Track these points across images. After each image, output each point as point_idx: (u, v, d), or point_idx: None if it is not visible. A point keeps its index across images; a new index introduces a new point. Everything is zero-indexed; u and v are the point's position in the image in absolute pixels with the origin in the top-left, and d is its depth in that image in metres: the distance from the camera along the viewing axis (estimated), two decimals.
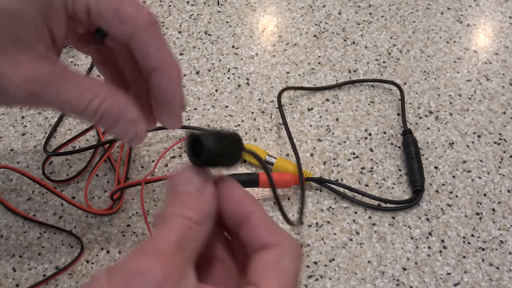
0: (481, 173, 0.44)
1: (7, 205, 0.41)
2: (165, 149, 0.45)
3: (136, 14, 0.28)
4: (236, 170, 0.43)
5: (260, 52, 0.52)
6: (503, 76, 0.51)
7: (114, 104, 0.29)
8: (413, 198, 0.42)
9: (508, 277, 0.39)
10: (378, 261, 0.39)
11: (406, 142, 0.45)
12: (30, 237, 0.40)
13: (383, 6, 0.57)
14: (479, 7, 0.57)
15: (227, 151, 0.23)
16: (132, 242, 0.40)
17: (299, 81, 0.50)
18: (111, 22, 0.28)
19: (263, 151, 0.43)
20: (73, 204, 0.40)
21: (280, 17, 0.56)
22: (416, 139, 0.45)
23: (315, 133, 0.46)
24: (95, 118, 0.29)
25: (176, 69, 0.30)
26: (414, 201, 0.42)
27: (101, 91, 0.28)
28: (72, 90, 0.27)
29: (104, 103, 0.28)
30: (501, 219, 0.41)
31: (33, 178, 0.41)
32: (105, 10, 0.27)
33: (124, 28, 0.28)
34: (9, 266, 0.39)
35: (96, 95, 0.28)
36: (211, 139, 0.23)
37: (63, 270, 0.38)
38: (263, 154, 0.43)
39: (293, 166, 0.42)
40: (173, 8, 0.56)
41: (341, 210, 0.42)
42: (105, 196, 0.42)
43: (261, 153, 0.43)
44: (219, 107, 0.48)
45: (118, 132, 0.30)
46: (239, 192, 0.23)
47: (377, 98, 0.49)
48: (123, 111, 0.29)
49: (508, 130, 0.47)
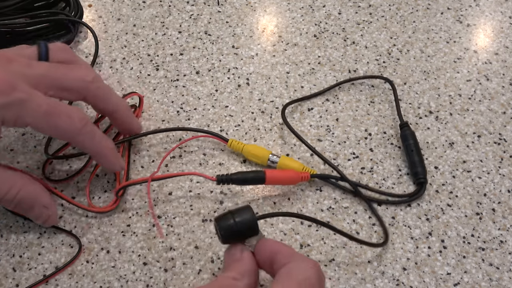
0: (481, 173, 0.44)
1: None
2: (165, 150, 0.45)
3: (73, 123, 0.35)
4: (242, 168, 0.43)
5: (260, 52, 0.52)
6: (503, 76, 0.51)
7: (29, 193, 0.36)
8: (417, 190, 0.42)
9: (508, 277, 0.39)
10: (378, 261, 0.39)
11: (404, 135, 0.45)
12: (30, 237, 0.40)
13: (383, 6, 0.57)
14: (479, 7, 0.57)
15: (241, 226, 0.32)
16: (132, 242, 0.40)
17: (299, 81, 0.50)
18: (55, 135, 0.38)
19: (266, 150, 0.43)
20: (74, 204, 0.40)
21: (280, 17, 0.56)
22: (414, 132, 0.45)
23: (315, 133, 0.46)
24: (12, 205, 0.35)
25: (126, 107, 0.42)
26: (418, 193, 0.42)
27: (18, 182, 0.35)
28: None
29: (20, 193, 0.35)
30: (501, 219, 0.41)
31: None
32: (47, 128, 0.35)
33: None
34: (9, 266, 0.39)
35: (12, 186, 0.35)
36: (224, 222, 0.32)
37: (62, 269, 0.38)
38: (266, 154, 0.43)
39: (297, 164, 0.42)
40: (173, 8, 0.56)
41: (341, 210, 0.42)
42: (105, 196, 0.42)
43: (264, 153, 0.43)
44: (219, 107, 0.48)
45: (34, 215, 0.37)
46: (269, 243, 0.32)
47: (377, 98, 0.49)
48: (37, 198, 0.36)
49: (508, 130, 0.47)
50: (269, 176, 0.40)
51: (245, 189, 0.43)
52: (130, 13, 0.56)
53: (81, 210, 0.41)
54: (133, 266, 0.39)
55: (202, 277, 0.38)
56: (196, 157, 0.44)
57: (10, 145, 0.45)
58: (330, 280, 0.38)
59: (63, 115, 0.35)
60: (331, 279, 0.38)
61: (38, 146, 0.45)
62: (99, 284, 0.38)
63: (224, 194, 0.42)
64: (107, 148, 0.38)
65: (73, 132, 0.35)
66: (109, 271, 0.38)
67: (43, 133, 0.37)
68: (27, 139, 0.45)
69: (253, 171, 0.41)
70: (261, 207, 0.42)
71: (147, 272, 0.38)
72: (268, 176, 0.40)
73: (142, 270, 0.38)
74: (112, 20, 0.55)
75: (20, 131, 0.46)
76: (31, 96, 0.33)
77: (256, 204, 0.42)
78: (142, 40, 0.53)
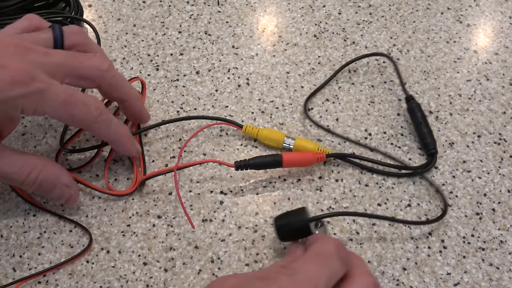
0: (481, 173, 0.44)
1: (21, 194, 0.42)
2: (166, 150, 0.45)
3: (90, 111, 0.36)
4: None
5: (260, 52, 0.52)
6: (503, 76, 0.51)
7: (50, 174, 0.37)
8: (429, 162, 0.43)
9: (508, 277, 0.39)
10: (378, 261, 0.39)
11: (411, 108, 0.46)
12: (30, 237, 0.40)
13: (383, 6, 0.57)
14: (479, 7, 0.57)
15: (295, 227, 0.36)
16: (132, 242, 0.40)
17: (299, 81, 0.50)
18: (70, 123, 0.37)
19: (281, 133, 0.44)
20: (93, 187, 0.42)
21: (280, 17, 0.56)
22: (419, 104, 0.46)
23: (315, 133, 0.46)
24: (34, 187, 0.36)
25: (138, 96, 0.42)
26: (430, 165, 0.43)
27: (38, 164, 0.36)
28: (11, 165, 0.35)
29: (41, 174, 0.36)
30: (501, 219, 0.41)
31: None
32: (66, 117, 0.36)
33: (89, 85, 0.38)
34: (9, 266, 0.39)
35: (33, 168, 0.36)
36: (279, 221, 0.37)
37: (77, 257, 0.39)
38: (281, 137, 0.44)
39: (313, 145, 0.43)
40: (173, 8, 0.56)
41: (341, 210, 0.42)
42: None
43: (279, 136, 0.44)
44: (219, 107, 0.48)
45: (56, 195, 0.38)
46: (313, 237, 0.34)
47: (377, 98, 0.49)
48: (58, 178, 0.37)
49: (508, 130, 0.47)
50: (286, 159, 0.41)
51: (245, 189, 0.43)
52: (130, 13, 0.56)
53: (81, 210, 0.41)
54: (133, 266, 0.39)
55: (202, 277, 0.38)
56: (211, 146, 0.44)
57: (10, 145, 0.45)
58: None
59: (80, 104, 0.35)
60: None
61: (38, 146, 0.45)
62: (99, 284, 0.38)
63: (224, 194, 0.42)
64: (123, 135, 0.39)
65: (89, 120, 0.36)
66: (109, 271, 0.38)
67: (60, 121, 0.39)
68: (27, 139, 0.45)
69: (270, 155, 0.42)
70: (261, 207, 0.42)
71: (147, 272, 0.38)
72: (285, 159, 0.41)
73: (142, 270, 0.38)
74: (112, 20, 0.55)
75: (20, 131, 0.46)
76: (49, 86, 0.34)
77: (256, 204, 0.42)
78: (142, 40, 0.53)
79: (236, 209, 0.42)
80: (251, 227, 0.41)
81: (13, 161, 0.35)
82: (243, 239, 0.40)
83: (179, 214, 0.41)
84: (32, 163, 0.36)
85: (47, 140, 0.45)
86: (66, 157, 0.44)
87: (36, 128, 0.46)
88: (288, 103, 0.48)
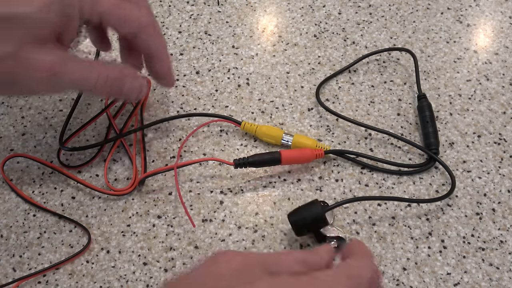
0: (481, 173, 0.44)
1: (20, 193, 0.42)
2: (165, 150, 0.45)
3: (139, 18, 0.37)
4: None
5: (260, 52, 0.52)
6: (503, 76, 0.51)
7: (117, 72, 0.37)
8: (428, 161, 0.44)
9: (508, 277, 0.39)
10: (378, 261, 0.39)
11: (421, 106, 0.46)
12: (30, 237, 0.40)
13: (383, 6, 0.57)
14: (479, 7, 0.57)
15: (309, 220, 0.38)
16: (132, 242, 0.40)
17: (299, 81, 0.50)
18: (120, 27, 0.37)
19: (279, 130, 0.44)
20: (92, 187, 0.42)
21: (280, 17, 0.56)
22: (430, 104, 0.46)
23: (315, 133, 0.46)
24: (107, 88, 0.36)
25: (168, 57, 0.41)
26: (429, 164, 0.43)
27: (102, 67, 0.36)
28: (83, 70, 0.35)
29: (109, 75, 0.36)
30: (501, 219, 0.41)
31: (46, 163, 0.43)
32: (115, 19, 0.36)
33: (130, 30, 0.37)
34: (9, 266, 0.39)
35: (100, 72, 0.36)
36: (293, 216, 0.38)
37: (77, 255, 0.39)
38: (279, 133, 0.44)
39: (311, 141, 0.43)
40: (173, 8, 0.56)
41: (341, 210, 0.42)
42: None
43: (277, 132, 0.44)
44: (219, 107, 0.48)
45: (128, 91, 0.38)
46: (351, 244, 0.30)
47: (377, 98, 0.49)
48: (125, 73, 0.37)
49: (508, 130, 0.47)
50: (284, 156, 0.41)
51: (245, 189, 0.43)
52: None
53: (81, 210, 0.41)
54: (133, 266, 0.39)
55: None
56: (211, 146, 0.44)
57: (10, 145, 0.45)
58: None
59: (133, 7, 0.37)
60: None
61: (38, 146, 0.45)
62: (99, 284, 0.38)
63: (224, 194, 0.42)
64: (166, 52, 0.40)
65: (143, 23, 0.37)
66: (109, 271, 0.38)
67: (110, 26, 0.38)
68: (27, 139, 0.45)
69: (268, 152, 0.42)
70: (261, 207, 0.42)
71: (147, 272, 0.38)
72: (284, 156, 0.41)
73: (142, 270, 0.38)
74: None
75: (20, 131, 0.46)
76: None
77: (256, 204, 0.42)
78: None
79: (236, 209, 0.42)
80: (251, 227, 0.41)
81: (83, 67, 0.35)
82: (243, 239, 0.40)
83: (179, 214, 0.41)
84: (96, 67, 0.36)
85: (47, 140, 0.45)
86: (66, 157, 0.44)
87: (36, 128, 0.46)
88: (288, 103, 0.48)
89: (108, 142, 0.44)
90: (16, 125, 0.47)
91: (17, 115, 0.47)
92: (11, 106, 0.48)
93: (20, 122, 0.47)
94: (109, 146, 0.45)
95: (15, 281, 0.37)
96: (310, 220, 0.38)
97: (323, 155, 0.43)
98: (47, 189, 0.43)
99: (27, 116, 0.47)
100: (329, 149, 0.43)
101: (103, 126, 0.46)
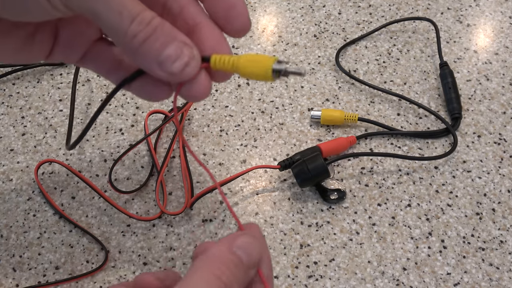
0: (481, 173, 0.44)
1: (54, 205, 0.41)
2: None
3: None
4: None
5: (260, 52, 0.52)
6: (503, 76, 0.51)
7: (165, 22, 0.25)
8: (453, 124, 0.46)
9: (508, 277, 0.39)
10: (378, 261, 0.39)
11: (443, 74, 0.49)
12: (30, 237, 0.40)
13: (383, 6, 0.57)
14: (479, 7, 0.57)
15: (313, 172, 0.40)
16: (132, 242, 0.40)
17: (299, 81, 0.50)
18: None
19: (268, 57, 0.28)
20: (130, 215, 0.40)
21: (280, 17, 0.56)
22: (452, 71, 0.49)
23: (315, 133, 0.46)
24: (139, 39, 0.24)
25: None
26: (453, 127, 0.46)
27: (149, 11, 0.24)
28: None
29: (155, 18, 0.24)
30: (501, 219, 0.42)
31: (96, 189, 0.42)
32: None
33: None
34: (9, 266, 0.39)
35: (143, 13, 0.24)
36: (296, 168, 0.41)
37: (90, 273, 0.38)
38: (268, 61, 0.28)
39: (339, 113, 0.46)
40: None
41: (341, 210, 0.42)
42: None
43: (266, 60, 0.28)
44: (219, 107, 0.48)
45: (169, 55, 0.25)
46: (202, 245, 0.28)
47: (377, 98, 0.49)
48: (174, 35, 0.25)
49: (508, 130, 0.47)
50: (324, 149, 0.43)
51: (245, 189, 0.43)
52: None
53: (89, 201, 0.41)
54: (133, 266, 0.39)
55: None
56: (211, 146, 0.44)
57: (10, 145, 0.45)
58: (330, 280, 0.38)
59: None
60: (331, 279, 0.38)
61: (38, 146, 0.45)
62: (99, 284, 0.38)
63: (224, 194, 0.42)
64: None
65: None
66: (109, 271, 0.38)
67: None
68: (27, 139, 0.46)
69: (309, 148, 0.43)
70: (261, 207, 0.42)
71: None
72: (324, 149, 0.43)
73: (142, 270, 0.38)
74: None
75: (20, 131, 0.46)
76: None
77: (256, 204, 0.42)
78: None
79: (236, 209, 0.42)
80: None
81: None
82: None
83: (179, 214, 0.41)
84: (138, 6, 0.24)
85: (47, 140, 0.45)
86: (66, 157, 0.44)
87: (36, 128, 0.46)
88: (288, 103, 0.48)
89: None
90: (16, 125, 0.47)
91: (17, 115, 0.47)
92: (11, 106, 0.48)
93: (20, 122, 0.47)
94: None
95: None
96: (313, 171, 0.40)
97: (355, 141, 0.45)
98: (47, 189, 0.43)
99: (27, 116, 0.47)
100: (359, 117, 0.46)
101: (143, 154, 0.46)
